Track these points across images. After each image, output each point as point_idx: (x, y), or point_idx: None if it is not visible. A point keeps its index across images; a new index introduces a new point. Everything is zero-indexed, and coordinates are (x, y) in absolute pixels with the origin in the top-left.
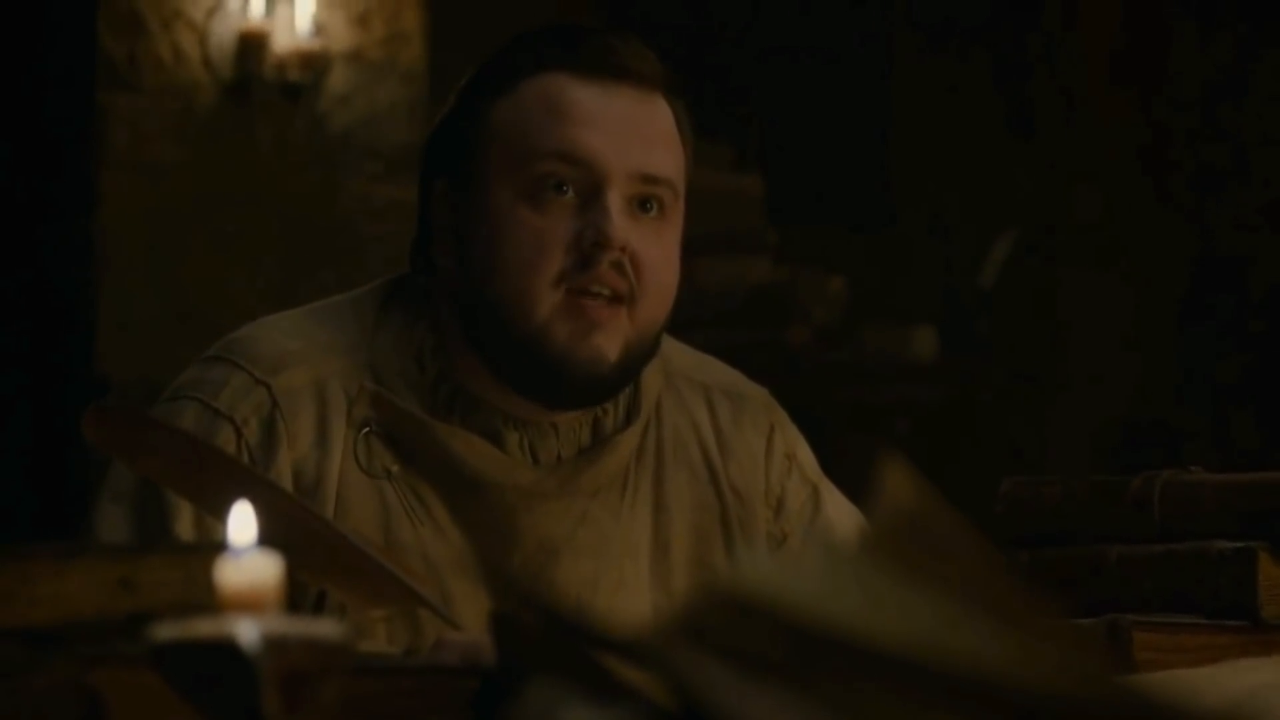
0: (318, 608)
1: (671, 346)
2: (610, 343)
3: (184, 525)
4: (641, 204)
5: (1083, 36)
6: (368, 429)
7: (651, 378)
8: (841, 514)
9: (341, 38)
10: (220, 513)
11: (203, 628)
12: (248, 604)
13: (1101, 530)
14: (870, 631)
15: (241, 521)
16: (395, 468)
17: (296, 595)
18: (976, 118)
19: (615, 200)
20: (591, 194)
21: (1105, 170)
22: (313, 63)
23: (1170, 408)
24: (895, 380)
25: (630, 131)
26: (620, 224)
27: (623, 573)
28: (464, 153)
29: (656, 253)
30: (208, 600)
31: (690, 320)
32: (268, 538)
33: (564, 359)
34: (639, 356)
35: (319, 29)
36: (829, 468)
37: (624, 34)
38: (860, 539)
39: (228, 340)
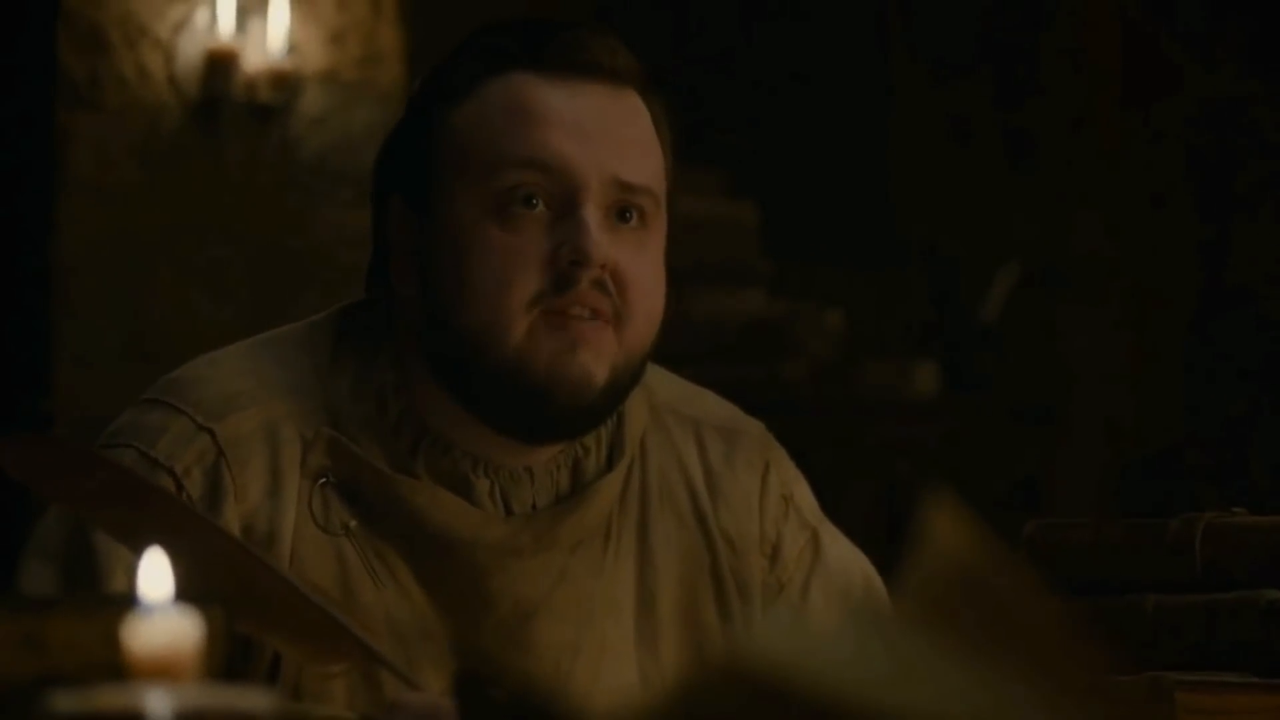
0: (273, 669)
1: (658, 377)
2: (597, 362)
3: (118, 586)
4: (620, 214)
5: (1083, 64)
6: (324, 480)
7: (636, 412)
8: (845, 562)
9: (315, 57)
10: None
11: (107, 697)
12: (162, 670)
13: (1137, 577)
14: (905, 713)
15: (155, 570)
16: (354, 523)
17: (248, 654)
18: (976, 147)
19: (592, 212)
20: (565, 206)
21: (1107, 200)
22: (285, 83)
23: (1179, 443)
24: (896, 418)
25: (605, 134)
26: (599, 239)
27: (605, 635)
28: (421, 166)
29: (640, 267)
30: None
31: (681, 354)
32: (212, 588)
33: (546, 382)
34: (626, 381)
35: (292, 48)
36: (829, 510)
37: (594, 27)
38: (899, 596)
39: (167, 380)
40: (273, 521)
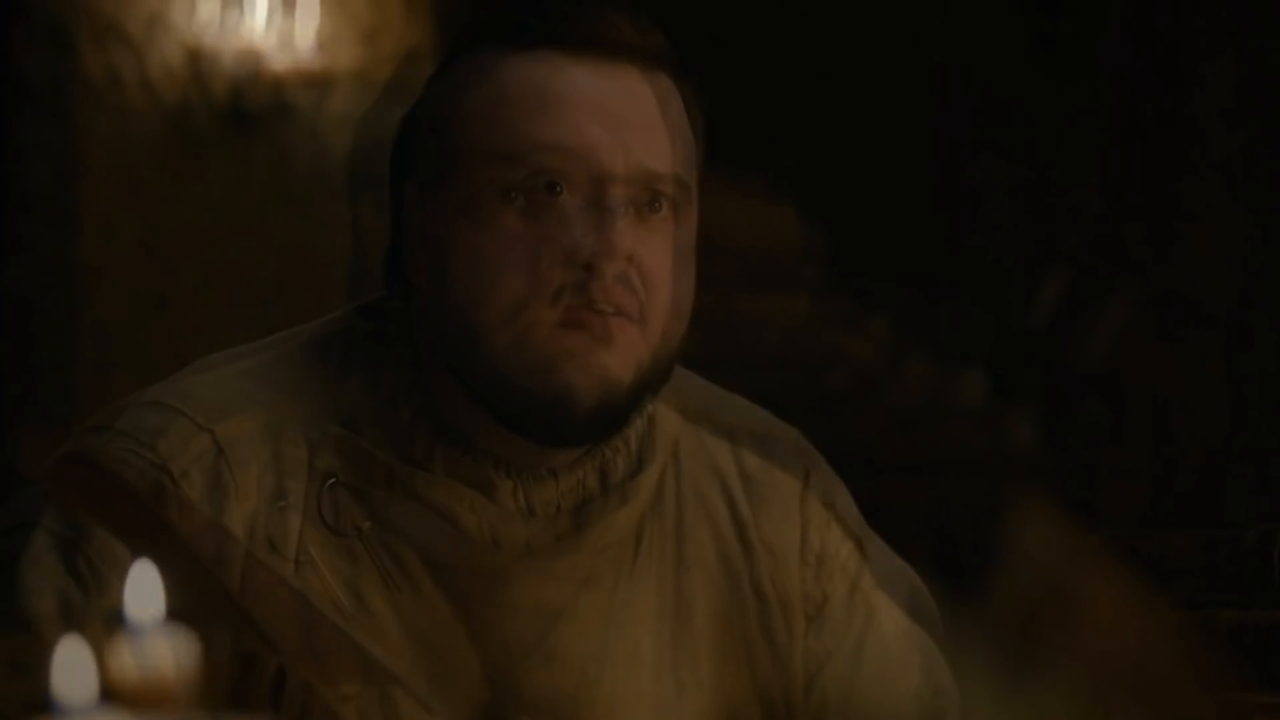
0: (277, 686)
1: (687, 382)
2: (621, 363)
3: (46, 604)
4: (648, 204)
5: (1136, 67)
6: (333, 480)
7: (667, 417)
8: (891, 574)
9: (346, 55)
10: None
11: None
12: (149, 697)
13: (1211, 593)
14: None
15: (144, 587)
16: (366, 524)
17: (249, 673)
18: (1026, 143)
19: (617, 202)
20: (589, 195)
21: (1154, 206)
22: (314, 83)
23: (1227, 451)
24: (943, 428)
25: (633, 119)
26: (624, 230)
27: (637, 644)
28: (437, 150)
29: (668, 261)
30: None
31: (719, 361)
32: (214, 600)
33: (567, 382)
34: (653, 382)
35: (321, 46)
36: (873, 527)
37: (623, 3)
38: (993, 610)
39: (165, 383)
40: (277, 524)
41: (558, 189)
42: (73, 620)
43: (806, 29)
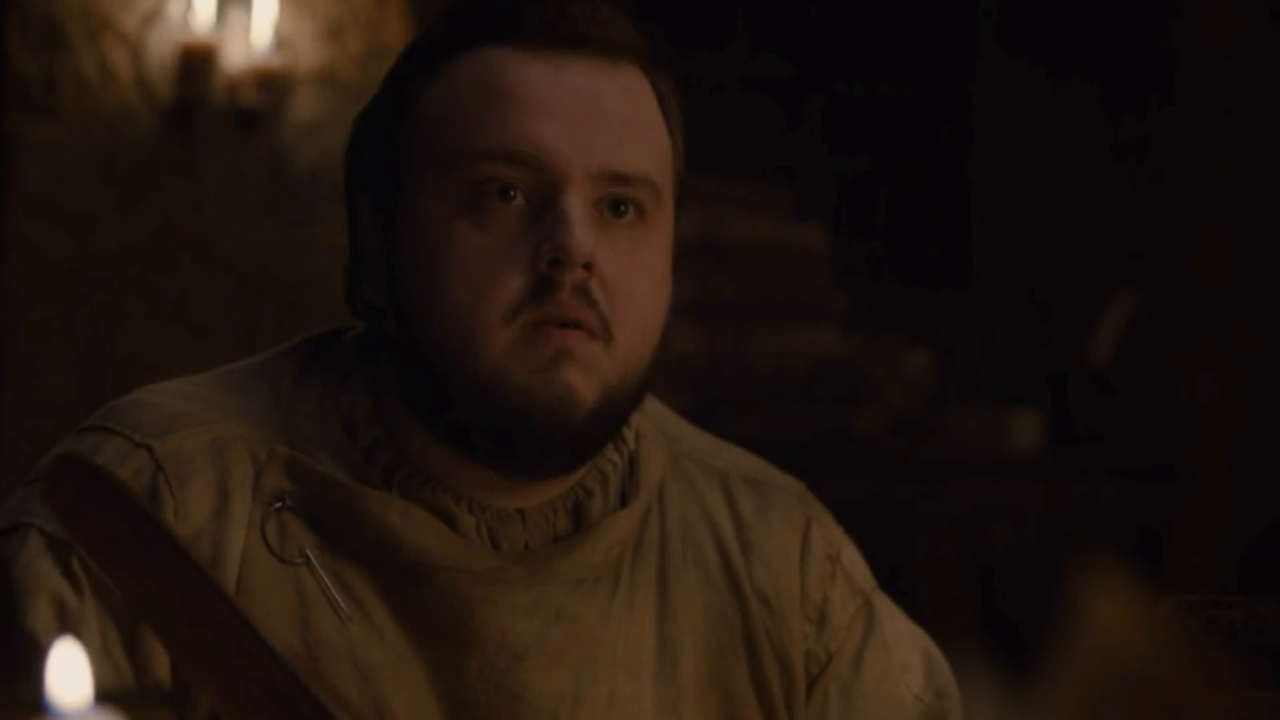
0: None
1: (678, 427)
2: (584, 380)
3: (41, 606)
4: (613, 207)
5: (1211, 59)
6: (281, 504)
7: (653, 455)
8: (904, 635)
9: (308, 54)
10: None
11: None
12: None
13: None
14: None
15: (68, 670)
16: (315, 550)
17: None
18: (1080, 154)
19: (576, 204)
20: (546, 198)
21: (1235, 218)
22: (273, 84)
23: (1235, 454)
24: (990, 476)
25: (593, 118)
26: (583, 235)
27: (615, 687)
28: (389, 158)
29: (634, 269)
30: None
31: (738, 401)
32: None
33: (526, 402)
34: (622, 404)
35: (281, 43)
36: (912, 588)
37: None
38: (1055, 695)
39: (106, 409)
40: (219, 545)
41: (510, 193)
42: (68, 622)
43: (840, 24)
